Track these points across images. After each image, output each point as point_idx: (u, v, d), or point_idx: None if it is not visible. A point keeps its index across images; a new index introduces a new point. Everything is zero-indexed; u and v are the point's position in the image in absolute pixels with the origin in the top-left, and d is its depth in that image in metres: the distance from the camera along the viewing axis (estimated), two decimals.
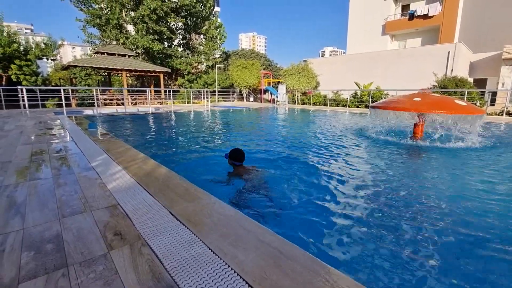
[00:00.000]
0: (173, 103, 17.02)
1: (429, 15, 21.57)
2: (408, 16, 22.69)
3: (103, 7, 21.33)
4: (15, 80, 17.25)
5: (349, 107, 16.80)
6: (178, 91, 21.62)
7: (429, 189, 3.28)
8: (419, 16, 22.14)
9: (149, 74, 18.88)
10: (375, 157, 4.92)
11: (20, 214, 1.94)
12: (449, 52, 15.72)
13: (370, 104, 6.83)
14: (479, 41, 20.02)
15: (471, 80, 16.44)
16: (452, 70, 15.58)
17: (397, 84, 16.62)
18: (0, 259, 1.42)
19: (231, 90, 23.70)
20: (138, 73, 18.57)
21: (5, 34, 17.02)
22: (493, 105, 13.91)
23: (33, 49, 18.46)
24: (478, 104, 13.01)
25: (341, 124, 9.11)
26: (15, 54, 17.16)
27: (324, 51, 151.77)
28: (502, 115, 12.05)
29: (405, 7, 23.88)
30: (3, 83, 17.28)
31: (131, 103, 17.68)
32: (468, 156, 4.92)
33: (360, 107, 16.42)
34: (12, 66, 17.02)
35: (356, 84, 18.14)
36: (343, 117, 12.02)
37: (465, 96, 12.80)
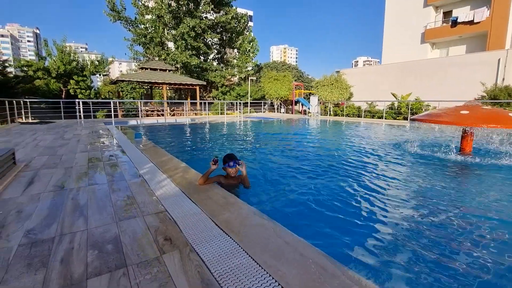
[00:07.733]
0: (208, 114, 17.75)
1: (475, 21, 20.04)
2: (450, 23, 21.33)
3: (148, 27, 23.33)
4: (73, 93, 19.44)
5: (385, 118, 16.05)
6: (212, 103, 22.54)
7: (478, 211, 3.00)
8: (463, 23, 20.68)
9: (186, 87, 20.03)
10: (417, 173, 4.63)
11: (83, 216, 2.19)
12: (499, 60, 14.39)
13: (411, 117, 6.50)
14: None
15: None
16: (503, 79, 14.19)
17: (439, 95, 15.52)
18: (71, 256, 1.62)
19: (262, 101, 24.07)
20: (176, 86, 19.80)
21: (67, 53, 19.41)
22: None
23: (89, 66, 20.74)
24: None
25: (378, 137, 8.73)
26: (74, 70, 19.46)
27: (357, 61, 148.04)
28: None
29: (447, 14, 22.50)
30: (63, 96, 19.56)
31: (170, 114, 18.81)
32: None
33: (397, 119, 15.60)
34: (71, 81, 19.27)
35: (393, 95, 17.33)
36: (379, 129, 11.50)
37: None
